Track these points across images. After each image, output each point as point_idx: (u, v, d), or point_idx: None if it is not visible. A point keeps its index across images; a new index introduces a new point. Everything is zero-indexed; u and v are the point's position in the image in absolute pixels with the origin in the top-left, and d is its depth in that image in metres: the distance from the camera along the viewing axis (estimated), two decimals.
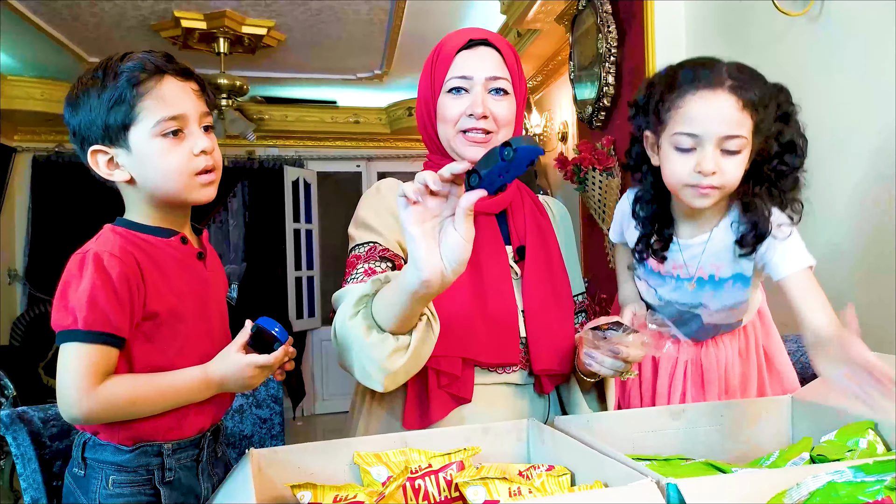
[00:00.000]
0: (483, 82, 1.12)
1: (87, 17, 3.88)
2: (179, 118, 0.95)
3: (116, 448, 0.96)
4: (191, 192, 0.97)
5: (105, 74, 0.94)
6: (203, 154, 0.96)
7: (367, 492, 0.87)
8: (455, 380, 1.08)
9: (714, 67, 1.07)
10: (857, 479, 0.66)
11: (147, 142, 0.94)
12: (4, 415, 1.15)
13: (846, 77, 1.70)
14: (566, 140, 4.07)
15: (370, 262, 1.08)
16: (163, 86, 0.94)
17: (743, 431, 1.07)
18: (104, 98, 0.93)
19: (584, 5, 3.05)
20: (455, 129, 1.13)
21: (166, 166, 0.95)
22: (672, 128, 1.07)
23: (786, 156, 1.10)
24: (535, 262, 1.16)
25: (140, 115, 0.93)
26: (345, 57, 4.73)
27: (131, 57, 0.95)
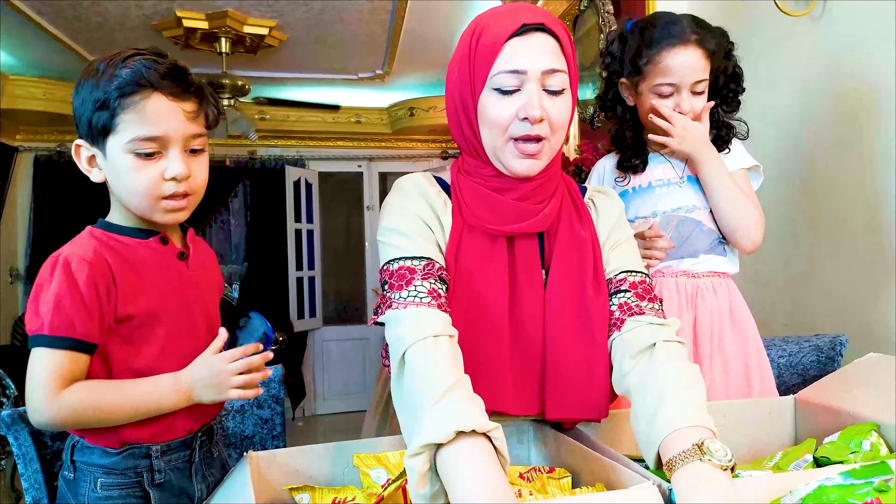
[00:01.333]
0: (539, 78, 0.91)
1: (89, 16, 3.88)
2: (157, 140, 0.91)
3: (104, 451, 0.95)
4: (154, 213, 0.95)
5: (103, 71, 0.91)
6: (173, 181, 0.92)
7: (367, 494, 0.86)
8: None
9: (680, 24, 1.29)
10: (847, 482, 0.67)
11: (120, 154, 0.91)
12: (6, 415, 1.15)
13: (848, 77, 1.70)
14: (567, 140, 4.07)
15: (430, 280, 0.91)
16: (148, 103, 0.90)
17: (745, 432, 1.06)
18: (93, 96, 0.91)
19: (585, 6, 3.05)
20: (505, 136, 0.93)
21: (133, 185, 0.92)
22: (652, 80, 1.30)
23: (730, 84, 1.36)
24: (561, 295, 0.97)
25: (119, 127, 0.90)
26: (346, 57, 4.73)
27: (131, 61, 0.91)
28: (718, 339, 1.31)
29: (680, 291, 1.32)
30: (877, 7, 1.59)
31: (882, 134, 1.60)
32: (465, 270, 0.95)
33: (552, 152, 0.95)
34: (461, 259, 0.95)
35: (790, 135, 1.90)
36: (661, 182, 1.36)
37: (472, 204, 0.97)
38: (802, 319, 1.87)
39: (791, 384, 1.57)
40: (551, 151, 0.95)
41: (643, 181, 1.38)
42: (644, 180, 1.37)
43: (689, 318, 1.31)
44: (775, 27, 1.91)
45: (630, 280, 1.00)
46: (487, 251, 0.96)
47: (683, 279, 1.33)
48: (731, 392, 1.29)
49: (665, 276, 1.33)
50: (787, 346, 1.63)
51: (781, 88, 1.91)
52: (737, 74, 1.36)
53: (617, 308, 0.97)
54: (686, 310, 1.31)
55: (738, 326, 1.33)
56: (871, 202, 1.64)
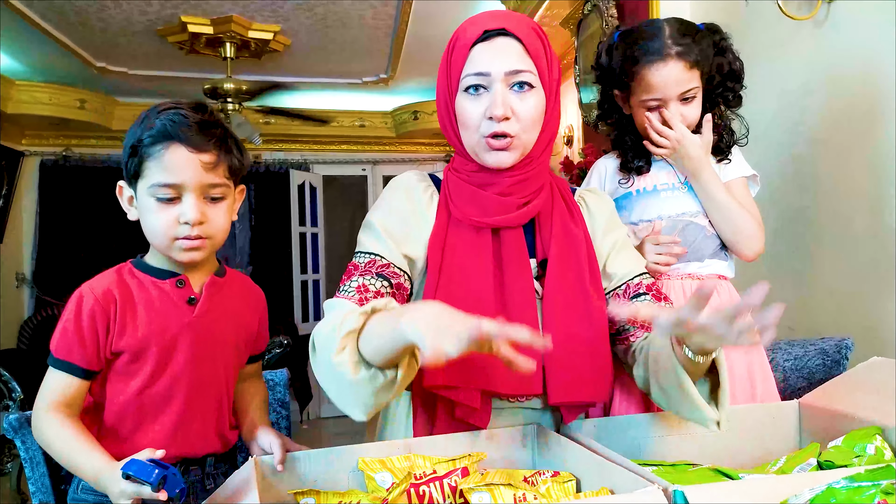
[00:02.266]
0: (502, 78, 0.97)
1: (94, 22, 3.90)
2: (174, 187, 0.99)
3: None
4: (170, 252, 1.03)
5: (143, 120, 1.02)
6: (186, 225, 1.00)
7: (371, 498, 0.87)
8: (473, 411, 0.99)
9: (657, 38, 1.27)
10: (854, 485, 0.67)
11: (145, 197, 1.01)
12: (13, 419, 1.16)
13: (852, 81, 1.70)
14: (572, 143, 4.07)
15: (365, 276, 0.99)
16: (167, 153, 0.98)
17: (750, 436, 1.06)
18: (130, 141, 1.01)
19: (589, 9, 3.05)
20: (478, 133, 1.00)
21: (153, 225, 1.02)
22: (638, 95, 1.31)
23: (728, 81, 1.33)
24: (558, 280, 1.02)
25: (144, 173, 1.00)
26: (350, 61, 4.74)
27: (165, 113, 1.00)
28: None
29: (686, 293, 1.32)
30: (880, 11, 1.59)
31: (885, 137, 1.60)
32: (451, 261, 1.01)
33: (524, 146, 1.01)
34: (447, 250, 1.02)
35: (793, 138, 1.90)
36: (666, 186, 1.36)
37: (458, 199, 1.04)
38: (807, 323, 1.87)
39: (797, 387, 1.56)
40: (523, 145, 1.01)
41: (647, 184, 1.37)
42: (649, 183, 1.37)
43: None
44: (778, 31, 1.91)
45: (645, 283, 1.08)
46: (472, 243, 1.02)
47: (689, 281, 1.33)
48: (737, 393, 1.29)
49: (671, 278, 1.33)
50: (792, 349, 1.62)
51: (784, 92, 1.91)
52: (734, 71, 1.34)
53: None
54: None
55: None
56: (874, 205, 1.64)
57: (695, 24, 1.33)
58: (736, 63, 1.34)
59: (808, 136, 1.85)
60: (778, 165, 1.91)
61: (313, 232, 5.93)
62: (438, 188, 1.09)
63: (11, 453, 3.57)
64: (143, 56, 4.53)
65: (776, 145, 1.93)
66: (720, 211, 1.31)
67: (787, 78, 1.91)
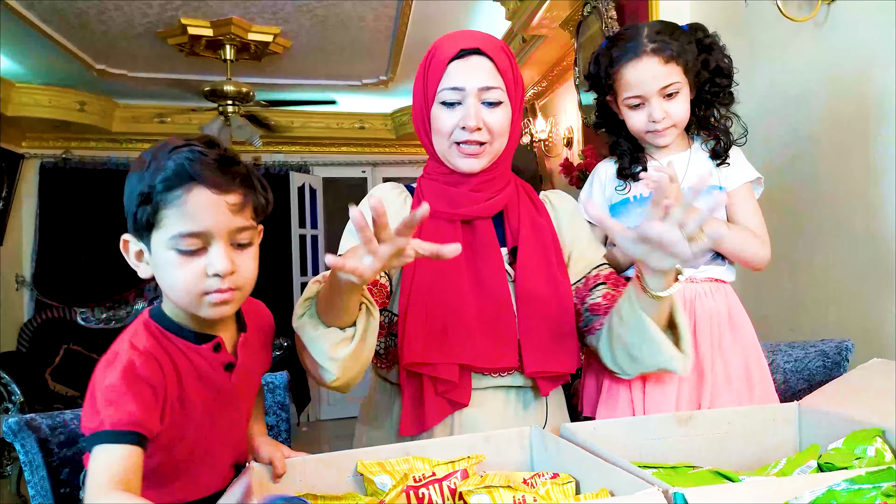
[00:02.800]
0: (475, 93, 1.09)
1: (94, 24, 3.91)
2: (200, 235, 0.85)
3: None
4: (198, 309, 0.88)
5: (149, 163, 0.87)
6: (216, 277, 0.86)
7: (369, 501, 0.87)
8: (453, 386, 1.08)
9: (635, 38, 1.30)
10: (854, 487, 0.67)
11: (163, 250, 0.86)
12: (13, 422, 1.15)
13: (851, 82, 1.70)
14: (571, 146, 4.07)
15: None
16: (190, 198, 0.84)
17: (750, 439, 1.06)
18: (138, 189, 0.85)
19: (589, 11, 3.05)
20: (449, 140, 1.12)
21: (174, 281, 0.86)
22: (621, 95, 1.33)
23: (716, 78, 1.34)
24: (529, 264, 1.14)
25: (162, 222, 0.85)
26: (350, 63, 4.75)
27: (177, 152, 0.86)
28: (719, 342, 1.31)
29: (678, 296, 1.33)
30: (880, 12, 1.60)
31: (885, 138, 1.60)
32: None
33: (493, 153, 1.13)
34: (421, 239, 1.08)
35: (792, 139, 1.90)
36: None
37: (429, 196, 1.15)
38: (807, 324, 1.87)
39: (797, 389, 1.56)
40: (493, 152, 1.13)
41: (644, 191, 1.37)
42: (646, 190, 1.37)
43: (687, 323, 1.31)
44: (778, 32, 1.91)
45: (604, 273, 1.19)
46: (444, 233, 1.12)
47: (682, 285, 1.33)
48: (734, 394, 1.29)
49: None
50: (793, 351, 1.62)
51: (784, 92, 1.91)
52: (720, 67, 1.33)
53: (601, 298, 1.15)
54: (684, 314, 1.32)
55: (736, 330, 1.33)
56: (874, 206, 1.64)
57: (676, 24, 1.34)
58: (724, 60, 1.34)
59: (808, 136, 1.85)
60: (777, 166, 1.91)
61: (313, 234, 5.93)
62: (412, 194, 1.21)
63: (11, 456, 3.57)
64: (143, 58, 4.53)
65: (775, 145, 1.93)
66: (722, 249, 1.32)
67: (786, 79, 1.91)
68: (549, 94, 4.50)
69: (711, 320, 1.31)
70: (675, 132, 1.33)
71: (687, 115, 1.33)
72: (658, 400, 1.27)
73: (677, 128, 1.33)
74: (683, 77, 1.30)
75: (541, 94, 4.56)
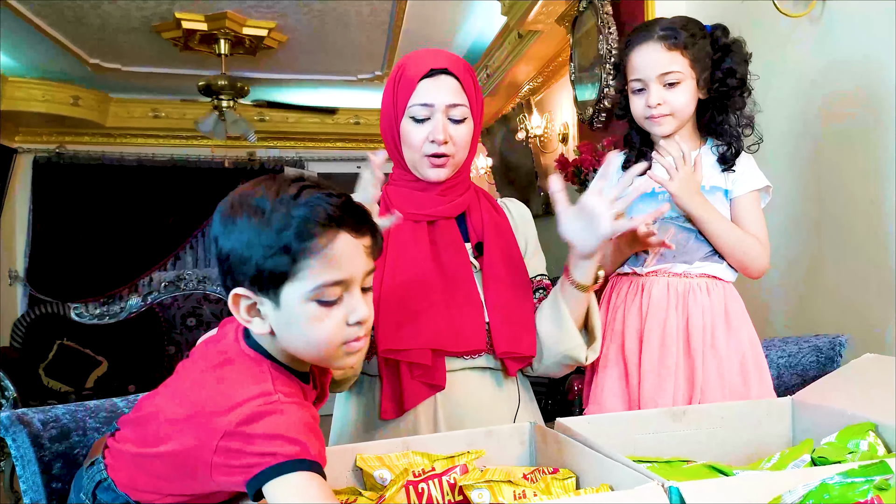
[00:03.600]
0: (444, 110, 1.19)
1: (89, 18, 3.89)
2: (344, 283, 0.80)
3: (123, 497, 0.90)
4: (332, 361, 0.84)
5: (272, 211, 0.78)
6: (358, 325, 0.81)
7: (369, 495, 0.87)
8: (428, 370, 1.16)
9: (651, 26, 1.33)
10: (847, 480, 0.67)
11: (300, 304, 0.79)
12: (4, 417, 1.15)
13: (849, 78, 1.70)
14: (567, 141, 4.07)
15: None
16: (335, 244, 0.78)
17: (744, 433, 1.06)
18: (265, 240, 0.78)
19: (584, 7, 3.05)
20: (420, 153, 1.21)
21: (314, 335, 0.80)
22: (629, 80, 1.35)
23: (728, 79, 1.33)
24: (493, 256, 1.25)
25: (301, 274, 0.78)
26: (346, 58, 4.74)
27: (306, 196, 0.79)
28: (711, 337, 1.31)
29: (670, 290, 1.33)
30: (876, 8, 1.60)
31: (882, 134, 1.60)
32: (394, 250, 1.20)
33: (457, 163, 1.23)
34: (390, 242, 1.19)
35: (790, 135, 1.90)
36: (663, 189, 1.36)
37: (396, 200, 1.25)
38: (804, 321, 1.87)
39: (791, 384, 1.57)
40: (456, 163, 1.23)
41: (646, 186, 1.36)
42: (647, 186, 1.35)
43: (678, 317, 1.31)
44: (775, 28, 1.91)
45: (545, 282, 1.31)
46: (411, 233, 1.22)
47: (675, 279, 1.33)
48: (727, 391, 1.29)
49: (657, 275, 1.34)
50: (786, 346, 1.63)
51: (781, 89, 1.92)
52: (733, 70, 1.33)
53: (537, 301, 1.27)
54: (675, 309, 1.31)
55: (732, 326, 1.33)
56: (872, 202, 1.64)
57: (696, 20, 1.35)
58: (739, 64, 1.33)
59: (804, 132, 1.86)
60: (774, 163, 1.92)
61: None
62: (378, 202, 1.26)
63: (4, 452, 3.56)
64: (137, 53, 4.51)
65: (773, 142, 1.93)
66: (717, 242, 1.31)
67: (783, 75, 1.91)
68: (545, 89, 4.49)
69: (704, 316, 1.31)
70: (672, 122, 1.33)
71: (688, 107, 1.32)
72: (653, 394, 1.28)
73: (675, 118, 1.32)
74: (689, 69, 1.30)
75: (536, 89, 4.56)
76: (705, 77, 1.32)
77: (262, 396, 0.77)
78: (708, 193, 1.34)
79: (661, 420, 1.04)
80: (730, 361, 1.31)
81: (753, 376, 1.32)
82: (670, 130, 1.34)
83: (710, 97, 1.34)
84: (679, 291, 1.32)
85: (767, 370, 1.36)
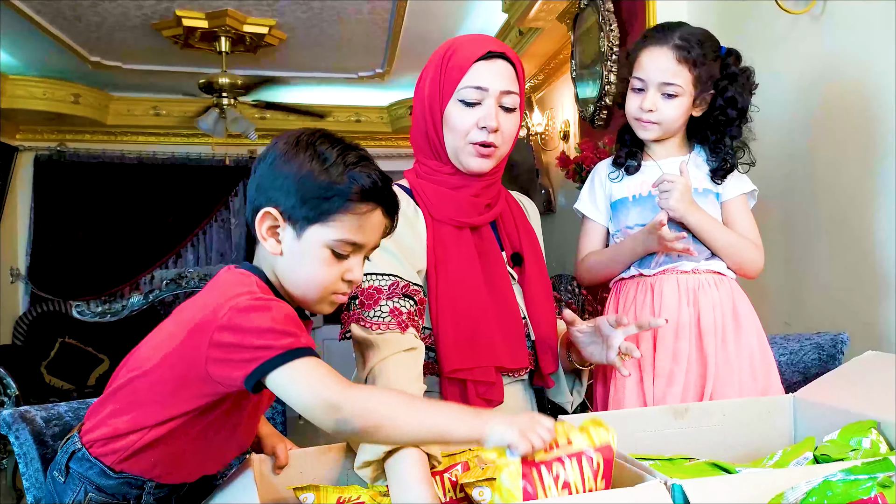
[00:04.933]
0: (497, 96, 1.11)
1: (89, 16, 3.88)
2: (358, 246, 0.92)
3: (102, 470, 0.93)
4: (316, 303, 0.94)
5: (334, 163, 0.90)
6: (349, 283, 0.93)
7: (371, 493, 0.87)
8: (490, 387, 1.12)
9: (670, 29, 1.32)
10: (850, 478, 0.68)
11: (318, 246, 0.90)
12: (7, 414, 1.15)
13: (849, 75, 1.70)
14: (568, 139, 4.07)
15: (393, 299, 1.06)
16: (371, 216, 0.91)
17: (746, 431, 1.07)
18: (319, 183, 0.89)
19: (585, 4, 3.05)
20: (465, 139, 1.12)
21: (316, 275, 0.91)
22: (632, 73, 1.35)
23: (728, 109, 1.33)
24: (533, 272, 1.21)
25: (332, 223, 0.89)
26: (346, 56, 4.73)
27: (365, 168, 0.92)
28: (722, 333, 1.31)
29: (680, 286, 1.33)
30: (876, 5, 1.60)
31: (882, 132, 1.60)
32: (443, 258, 1.13)
33: (500, 156, 1.16)
34: (438, 249, 1.13)
35: (790, 133, 1.90)
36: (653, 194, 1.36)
37: (437, 203, 1.16)
38: (803, 318, 1.87)
39: (793, 382, 1.57)
40: (500, 155, 1.16)
41: (643, 190, 1.38)
42: (644, 189, 1.38)
43: (690, 313, 1.31)
44: (775, 25, 1.91)
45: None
46: (456, 240, 1.15)
47: (684, 276, 1.33)
48: (738, 388, 1.29)
49: (666, 272, 1.34)
50: (788, 344, 1.63)
51: (781, 86, 1.91)
52: (735, 99, 1.32)
53: None
54: (687, 305, 1.32)
55: (740, 322, 1.33)
56: (871, 200, 1.64)
57: (715, 39, 1.35)
58: (742, 95, 1.33)
59: (804, 130, 1.86)
60: (773, 160, 1.92)
61: None
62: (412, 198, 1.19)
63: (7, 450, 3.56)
64: (137, 50, 4.51)
65: (772, 139, 1.93)
66: (715, 246, 1.33)
67: (783, 73, 1.91)
68: (546, 87, 4.49)
69: (714, 310, 1.31)
70: (658, 130, 1.34)
71: (677, 121, 1.33)
72: (665, 392, 1.28)
73: (661, 127, 1.33)
74: (690, 86, 1.31)
75: (537, 87, 4.55)
76: (704, 97, 1.33)
77: (248, 294, 0.84)
78: (700, 196, 1.35)
79: (664, 418, 1.05)
80: (739, 359, 1.31)
81: (761, 373, 1.32)
82: (654, 137, 1.36)
83: (707, 119, 1.35)
84: (689, 287, 1.33)
85: (775, 367, 1.37)
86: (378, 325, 1.04)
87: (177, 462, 0.92)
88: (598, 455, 0.76)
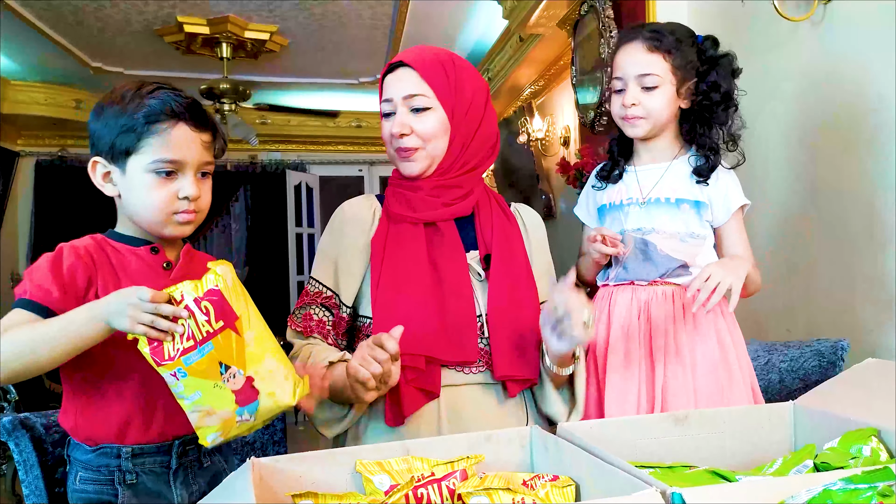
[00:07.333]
0: (401, 101, 1.18)
1: (91, 22, 3.89)
2: (176, 163, 1.02)
3: (82, 447, 1.03)
4: (164, 227, 1.05)
5: (130, 99, 1.01)
6: (186, 200, 1.03)
7: (369, 500, 0.87)
8: (420, 374, 1.13)
9: (640, 27, 1.34)
10: (850, 487, 0.67)
11: (140, 173, 1.02)
12: (7, 421, 1.15)
13: (849, 82, 1.70)
14: (568, 145, 4.07)
15: (311, 306, 1.21)
16: (174, 131, 1.01)
17: (745, 438, 1.06)
18: (120, 121, 1.01)
19: (586, 10, 3.05)
20: (391, 147, 1.22)
21: (149, 201, 1.02)
22: (612, 76, 1.36)
23: (712, 93, 1.32)
24: (500, 271, 1.21)
25: (143, 149, 1.01)
26: (347, 62, 4.74)
27: (158, 93, 1.02)
28: (675, 342, 1.30)
29: (633, 299, 1.34)
30: (877, 11, 1.60)
31: (882, 138, 1.60)
32: (391, 252, 1.19)
33: (429, 157, 1.20)
34: (388, 244, 1.20)
35: (790, 138, 1.90)
36: (630, 201, 1.37)
37: (393, 203, 1.24)
38: (804, 325, 1.87)
39: (793, 388, 1.57)
40: (428, 156, 1.20)
41: (615, 199, 1.39)
42: (616, 198, 1.39)
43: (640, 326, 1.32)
44: (775, 31, 1.91)
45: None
46: (408, 236, 1.20)
47: (640, 288, 1.34)
48: (695, 396, 1.28)
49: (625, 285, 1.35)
50: (788, 350, 1.63)
51: (781, 92, 1.92)
52: (718, 84, 1.31)
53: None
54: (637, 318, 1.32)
55: (700, 331, 1.31)
56: (871, 206, 1.64)
57: (687, 28, 1.35)
58: (726, 79, 1.32)
59: (804, 135, 1.86)
60: (774, 166, 1.92)
61: (310, 232, 5.93)
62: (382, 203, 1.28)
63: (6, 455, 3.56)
64: (139, 56, 4.52)
65: (773, 145, 1.93)
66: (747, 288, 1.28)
67: (783, 79, 1.91)
68: (546, 93, 4.50)
69: (666, 322, 1.31)
70: (646, 125, 1.32)
71: (663, 112, 1.31)
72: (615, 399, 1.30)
73: (649, 121, 1.32)
74: (669, 74, 1.30)
75: (538, 93, 4.56)
76: (688, 87, 1.32)
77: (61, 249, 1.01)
78: (673, 206, 1.33)
79: (663, 425, 1.04)
80: (696, 367, 1.30)
81: (725, 380, 1.31)
82: (643, 133, 1.34)
83: (694, 109, 1.34)
84: (642, 300, 1.33)
85: (748, 374, 1.35)
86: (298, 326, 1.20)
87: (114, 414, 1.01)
88: (206, 303, 0.89)
